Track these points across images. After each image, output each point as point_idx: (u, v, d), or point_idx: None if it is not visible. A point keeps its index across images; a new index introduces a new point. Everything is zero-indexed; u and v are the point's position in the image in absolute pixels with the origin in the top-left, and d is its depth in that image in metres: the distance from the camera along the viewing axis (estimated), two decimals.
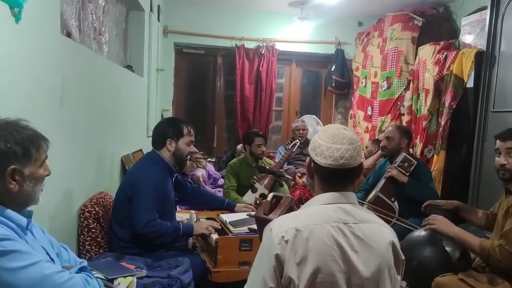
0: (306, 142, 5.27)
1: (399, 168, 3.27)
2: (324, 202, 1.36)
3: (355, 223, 1.32)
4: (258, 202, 3.29)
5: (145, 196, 2.49)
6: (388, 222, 2.47)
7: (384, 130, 4.49)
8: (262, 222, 1.53)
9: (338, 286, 1.25)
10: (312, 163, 1.41)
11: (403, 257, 1.37)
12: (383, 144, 3.54)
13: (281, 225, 1.31)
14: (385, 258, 1.31)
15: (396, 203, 3.23)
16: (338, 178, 1.37)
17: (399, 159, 3.33)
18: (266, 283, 1.26)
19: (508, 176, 2.28)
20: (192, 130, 2.75)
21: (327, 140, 1.35)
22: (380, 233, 1.34)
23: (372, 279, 1.28)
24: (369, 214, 1.40)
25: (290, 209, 1.62)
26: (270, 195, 1.70)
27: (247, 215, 2.87)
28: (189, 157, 2.84)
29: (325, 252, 1.26)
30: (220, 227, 2.72)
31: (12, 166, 1.29)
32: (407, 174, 3.26)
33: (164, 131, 2.67)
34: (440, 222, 2.40)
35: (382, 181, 3.32)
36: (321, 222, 1.29)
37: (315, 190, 1.44)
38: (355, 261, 1.27)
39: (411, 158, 3.31)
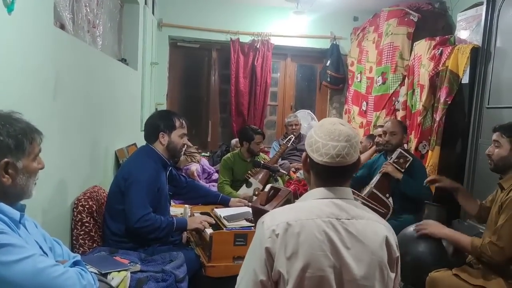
0: (299, 137, 5.28)
1: (394, 164, 3.27)
2: (318, 197, 1.36)
3: (348, 219, 1.31)
4: (257, 193, 3.29)
5: (138, 190, 2.47)
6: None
7: (378, 125, 4.50)
8: (258, 213, 1.53)
9: (328, 281, 1.24)
10: (308, 159, 1.40)
11: (398, 254, 1.35)
12: (387, 139, 3.49)
13: (273, 219, 1.31)
14: (378, 255, 1.29)
15: (390, 199, 3.23)
16: (334, 174, 1.35)
17: (394, 155, 3.32)
18: (256, 276, 1.26)
19: (492, 166, 2.38)
20: (184, 123, 2.73)
21: (324, 136, 1.33)
22: (374, 229, 1.33)
23: (364, 275, 1.27)
24: (364, 210, 1.39)
25: (287, 202, 1.63)
26: (268, 186, 1.71)
27: (245, 205, 2.87)
28: (183, 150, 2.82)
29: (316, 247, 1.25)
30: (214, 222, 2.71)
31: (5, 159, 1.28)
32: (402, 170, 3.26)
33: (156, 125, 2.65)
34: (432, 226, 2.45)
35: (377, 177, 3.31)
36: (313, 217, 1.28)
37: (311, 184, 1.43)
38: (346, 257, 1.26)
39: (406, 155, 3.30)
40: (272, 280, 1.26)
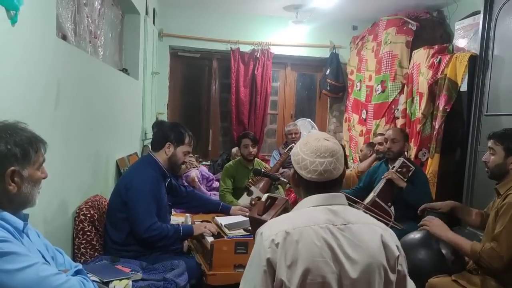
0: None
1: (398, 174, 3.28)
2: (312, 204, 1.39)
3: (344, 224, 1.33)
4: (253, 202, 3.30)
5: (143, 200, 2.48)
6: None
7: (378, 134, 4.51)
8: (256, 223, 1.54)
9: (329, 287, 1.26)
10: (296, 175, 1.44)
11: (397, 253, 1.35)
12: (388, 146, 3.50)
13: (271, 228, 1.33)
14: (376, 258, 1.30)
15: (392, 208, 3.24)
16: (323, 187, 1.40)
17: (397, 164, 3.33)
18: None
19: (489, 174, 2.41)
20: (192, 141, 2.75)
21: (310, 154, 1.39)
22: (370, 232, 1.35)
23: (362, 279, 1.28)
24: (359, 214, 1.42)
25: (284, 210, 1.63)
26: (265, 196, 1.71)
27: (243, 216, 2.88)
28: (181, 167, 2.84)
29: (316, 254, 1.27)
30: (218, 231, 2.71)
31: (12, 168, 1.30)
32: (405, 179, 3.27)
33: (167, 134, 2.67)
34: (434, 225, 2.43)
35: (380, 186, 3.31)
36: (311, 224, 1.31)
37: (302, 196, 1.46)
38: (344, 262, 1.28)
39: (409, 164, 3.32)
40: None
